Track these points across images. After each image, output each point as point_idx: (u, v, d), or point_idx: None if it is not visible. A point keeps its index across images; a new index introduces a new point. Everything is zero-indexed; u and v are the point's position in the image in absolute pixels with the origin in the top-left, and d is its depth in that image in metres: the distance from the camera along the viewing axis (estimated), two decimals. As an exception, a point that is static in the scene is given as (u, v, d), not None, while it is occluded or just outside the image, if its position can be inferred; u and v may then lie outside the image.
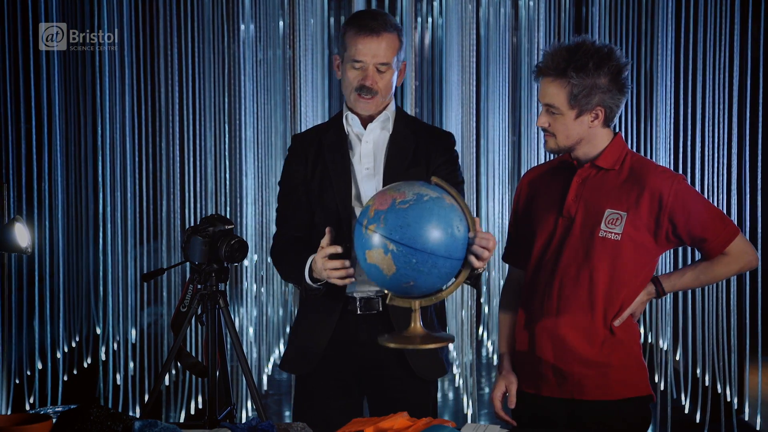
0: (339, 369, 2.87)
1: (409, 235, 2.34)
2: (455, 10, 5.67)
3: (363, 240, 2.38)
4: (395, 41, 2.80)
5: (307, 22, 5.55)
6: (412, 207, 2.36)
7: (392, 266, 2.35)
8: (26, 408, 4.97)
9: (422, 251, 2.35)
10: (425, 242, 2.34)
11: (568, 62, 2.62)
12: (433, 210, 2.37)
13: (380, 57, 2.78)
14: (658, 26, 5.08)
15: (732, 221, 2.72)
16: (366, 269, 2.41)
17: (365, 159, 2.86)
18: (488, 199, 6.43)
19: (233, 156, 5.39)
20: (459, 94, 5.43)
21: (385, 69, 2.80)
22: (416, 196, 2.37)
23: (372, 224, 2.36)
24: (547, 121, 2.69)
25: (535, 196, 2.82)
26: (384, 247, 2.34)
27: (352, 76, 2.81)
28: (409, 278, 2.36)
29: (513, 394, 2.78)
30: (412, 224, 2.34)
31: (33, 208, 4.95)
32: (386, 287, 2.43)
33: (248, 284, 5.56)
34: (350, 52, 2.80)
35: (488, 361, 6.55)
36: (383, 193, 2.42)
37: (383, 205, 2.37)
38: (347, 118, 2.89)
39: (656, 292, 2.73)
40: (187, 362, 2.99)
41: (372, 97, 2.82)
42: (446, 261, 2.37)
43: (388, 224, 2.34)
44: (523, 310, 2.82)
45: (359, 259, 2.42)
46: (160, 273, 3.06)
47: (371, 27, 2.77)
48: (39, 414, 2.39)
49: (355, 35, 2.78)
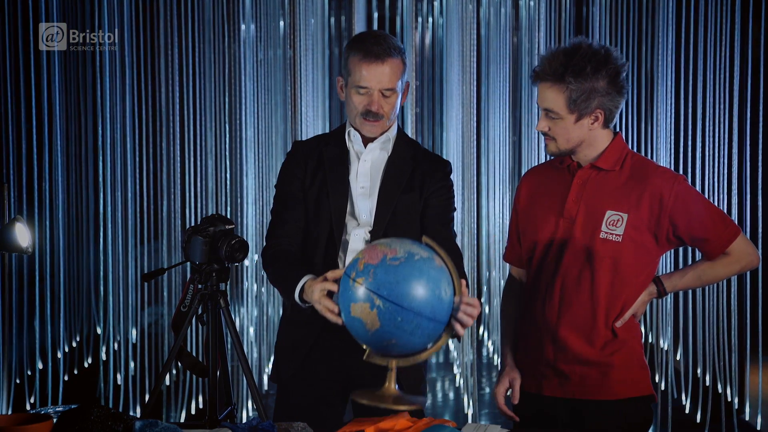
0: (322, 372, 2.87)
1: (398, 293, 2.32)
2: (456, 10, 5.67)
3: (349, 292, 2.36)
4: (399, 65, 2.80)
5: (308, 22, 5.55)
6: (403, 264, 2.34)
7: (376, 322, 2.33)
8: (27, 408, 4.97)
9: (409, 310, 2.33)
10: (412, 301, 2.33)
11: (565, 67, 2.61)
12: (423, 270, 2.35)
13: (385, 83, 2.78)
14: (659, 26, 5.08)
15: (733, 221, 2.72)
16: (348, 322, 2.39)
17: (361, 178, 2.87)
18: (488, 198, 6.44)
19: (234, 156, 5.39)
20: (459, 94, 5.43)
21: (390, 94, 2.80)
22: (407, 254, 2.36)
23: (360, 277, 2.34)
24: (547, 125, 2.69)
25: (536, 197, 2.82)
26: (371, 302, 2.32)
27: (357, 100, 2.82)
28: (391, 336, 2.34)
29: (516, 390, 2.78)
30: (401, 282, 2.32)
31: (33, 208, 4.95)
32: (366, 342, 2.40)
33: (249, 284, 5.56)
34: (355, 78, 2.80)
35: (489, 361, 6.55)
36: (374, 248, 2.40)
37: (374, 260, 2.36)
38: (350, 134, 2.90)
39: (658, 292, 2.73)
40: (188, 362, 2.99)
41: (377, 120, 2.83)
42: (430, 322, 2.35)
43: (377, 279, 2.33)
44: (525, 310, 2.82)
45: (342, 312, 2.40)
46: (160, 273, 3.06)
47: (376, 53, 2.76)
48: (40, 414, 2.39)
49: (360, 61, 2.78)
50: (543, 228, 2.76)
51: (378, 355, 2.43)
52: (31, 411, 2.53)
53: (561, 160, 2.78)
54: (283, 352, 2.94)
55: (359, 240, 2.85)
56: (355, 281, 2.34)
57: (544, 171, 2.86)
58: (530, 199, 2.84)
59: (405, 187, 2.85)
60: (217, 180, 5.25)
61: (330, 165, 2.88)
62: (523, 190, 2.87)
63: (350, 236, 2.85)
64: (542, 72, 2.65)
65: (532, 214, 2.81)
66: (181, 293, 2.96)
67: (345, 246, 2.86)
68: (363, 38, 2.83)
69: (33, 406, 5.02)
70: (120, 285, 5.08)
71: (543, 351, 2.74)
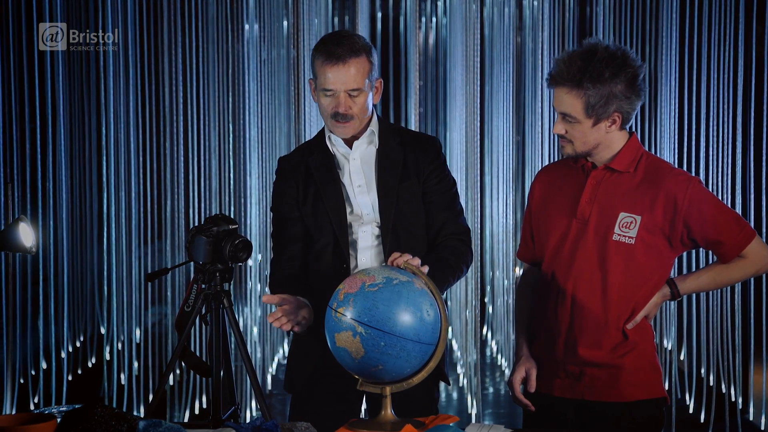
0: (335, 374, 2.86)
1: (378, 318, 2.36)
2: (459, 9, 5.67)
3: (332, 323, 2.41)
4: (364, 64, 2.78)
5: (311, 22, 5.55)
6: (381, 290, 2.38)
7: (361, 349, 2.37)
8: (31, 408, 4.97)
9: (391, 334, 2.36)
10: (393, 325, 2.36)
11: (583, 72, 2.58)
12: (402, 293, 2.39)
13: (350, 83, 2.76)
14: (663, 25, 5.07)
15: (748, 224, 2.70)
16: (335, 353, 2.43)
17: (355, 176, 2.87)
18: (492, 199, 6.43)
19: (237, 156, 5.39)
20: (463, 94, 5.43)
21: (357, 94, 2.78)
22: (385, 280, 2.40)
23: (341, 307, 2.39)
24: (564, 128, 2.67)
25: (549, 196, 2.81)
26: (353, 330, 2.36)
27: (325, 103, 2.80)
28: (377, 362, 2.37)
29: (533, 378, 2.76)
30: (380, 307, 2.36)
31: (37, 208, 4.95)
32: (355, 372, 2.44)
33: (252, 284, 5.56)
34: (320, 81, 2.79)
35: (492, 360, 6.55)
36: (353, 277, 2.44)
37: (352, 289, 2.40)
38: (330, 138, 2.90)
39: (671, 294, 2.72)
40: (192, 362, 2.99)
41: (347, 122, 2.81)
42: (415, 345, 2.38)
43: (357, 307, 2.37)
44: (536, 310, 2.82)
45: (329, 343, 2.44)
46: (164, 273, 3.06)
47: (338, 54, 2.74)
48: (44, 414, 2.39)
49: (323, 64, 2.76)
50: (556, 228, 2.75)
51: (370, 383, 2.46)
52: (35, 411, 2.54)
53: (575, 160, 2.76)
54: (295, 361, 2.95)
55: (368, 236, 2.86)
56: (337, 311, 2.39)
57: (558, 170, 2.84)
58: (543, 198, 2.82)
59: (402, 175, 2.85)
60: (221, 180, 5.26)
61: (319, 174, 2.88)
62: (536, 188, 2.86)
63: (358, 235, 2.85)
64: (559, 76, 2.62)
65: (546, 214, 2.80)
66: (185, 293, 2.96)
67: (354, 246, 2.87)
68: (326, 40, 2.81)
69: (37, 406, 5.02)
70: (124, 285, 5.08)
71: (554, 351, 2.74)
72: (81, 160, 6.12)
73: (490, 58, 6.33)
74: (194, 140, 5.13)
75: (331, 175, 2.87)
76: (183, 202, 5.08)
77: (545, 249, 2.78)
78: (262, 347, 5.58)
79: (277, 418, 2.93)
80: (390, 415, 2.46)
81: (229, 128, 5.29)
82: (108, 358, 5.20)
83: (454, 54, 6.15)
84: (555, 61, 2.67)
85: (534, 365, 2.77)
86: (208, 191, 5.20)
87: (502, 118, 6.11)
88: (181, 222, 5.06)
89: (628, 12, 5.36)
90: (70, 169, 5.65)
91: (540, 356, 2.79)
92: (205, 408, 5.11)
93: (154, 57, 5.13)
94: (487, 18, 6.42)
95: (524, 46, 6.21)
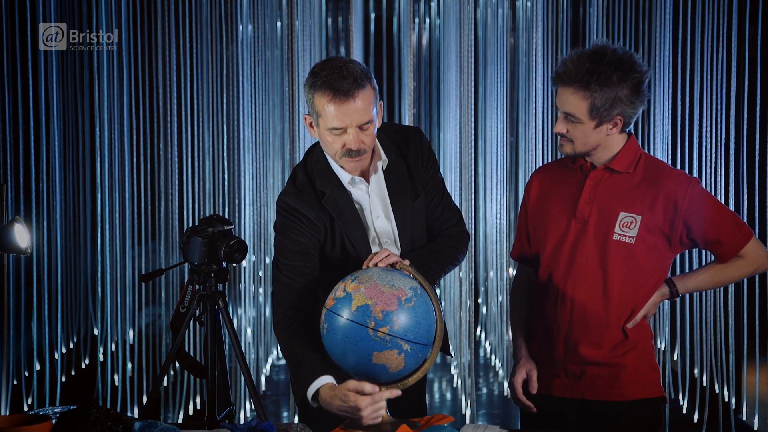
0: None
1: (421, 333, 2.37)
2: (453, 10, 5.67)
3: (371, 342, 2.34)
4: (370, 92, 2.56)
5: (305, 23, 5.55)
6: (417, 303, 2.38)
7: (401, 364, 2.37)
8: (24, 409, 4.96)
9: (428, 345, 2.39)
10: (430, 336, 2.39)
11: (591, 74, 2.58)
12: (427, 301, 2.42)
13: (360, 117, 2.55)
14: (656, 26, 5.08)
15: (746, 224, 2.73)
16: (367, 369, 2.37)
17: (375, 209, 2.74)
18: (486, 199, 6.43)
19: (231, 156, 5.39)
20: (457, 95, 5.43)
21: (368, 126, 2.58)
22: (413, 291, 2.39)
23: (383, 327, 2.34)
24: (566, 127, 2.67)
25: (547, 196, 2.81)
26: (399, 348, 2.34)
27: (333, 141, 2.59)
28: (407, 371, 2.39)
29: (534, 379, 2.76)
30: (422, 322, 2.37)
31: (31, 209, 4.94)
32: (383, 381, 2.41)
33: (246, 285, 5.56)
34: (327, 121, 2.56)
35: (486, 361, 6.55)
36: (379, 291, 2.36)
37: (390, 306, 2.35)
38: (339, 173, 2.70)
39: (670, 293, 2.73)
40: (187, 363, 2.99)
41: (361, 156, 2.62)
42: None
43: (402, 325, 2.34)
44: (536, 310, 2.82)
45: (358, 359, 2.36)
46: (158, 274, 3.06)
47: (344, 90, 2.51)
48: (38, 415, 2.39)
49: (329, 102, 2.53)
50: (554, 228, 2.75)
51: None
52: (30, 412, 2.53)
53: (573, 160, 2.77)
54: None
55: None
56: (378, 331, 2.34)
57: (556, 169, 2.84)
58: (541, 197, 2.82)
59: (410, 192, 2.75)
60: (215, 181, 5.25)
61: (337, 212, 2.68)
62: (533, 187, 2.85)
63: None
64: (566, 76, 2.62)
65: (543, 214, 2.80)
66: (180, 294, 2.96)
67: None
68: (326, 75, 2.55)
69: (30, 408, 5.01)
70: (117, 286, 5.08)
71: (554, 351, 2.74)
72: (75, 160, 6.11)
73: (483, 59, 6.33)
74: (188, 141, 5.13)
75: (353, 214, 2.70)
76: (177, 202, 5.07)
77: (543, 249, 2.78)
78: (256, 348, 5.58)
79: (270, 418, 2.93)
80: (386, 416, 2.46)
81: (223, 129, 5.29)
82: (101, 359, 5.20)
83: (448, 55, 6.15)
84: (562, 61, 2.65)
85: (534, 366, 2.78)
86: (202, 192, 5.19)
87: (496, 119, 6.12)
88: (174, 223, 5.05)
89: (622, 13, 5.37)
90: (64, 170, 5.64)
91: (538, 356, 2.79)
92: (199, 409, 5.10)
93: (147, 57, 5.13)
94: (481, 19, 6.42)
95: (518, 47, 6.22)
